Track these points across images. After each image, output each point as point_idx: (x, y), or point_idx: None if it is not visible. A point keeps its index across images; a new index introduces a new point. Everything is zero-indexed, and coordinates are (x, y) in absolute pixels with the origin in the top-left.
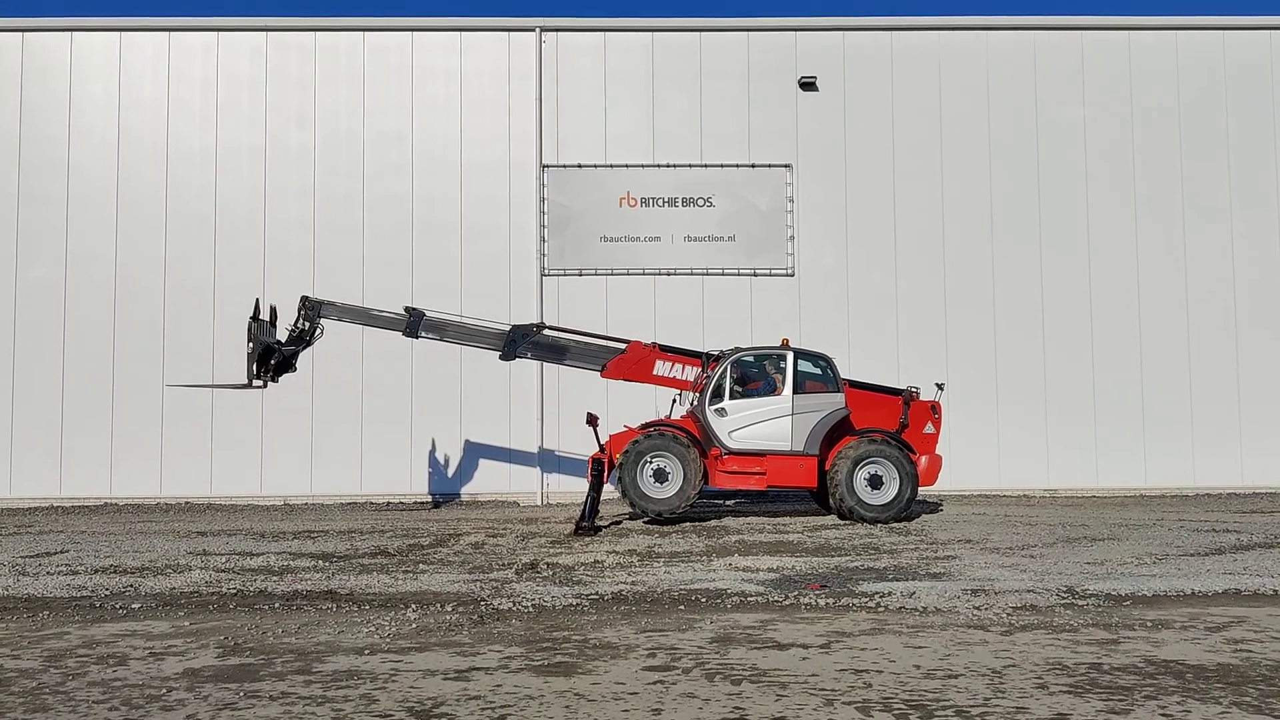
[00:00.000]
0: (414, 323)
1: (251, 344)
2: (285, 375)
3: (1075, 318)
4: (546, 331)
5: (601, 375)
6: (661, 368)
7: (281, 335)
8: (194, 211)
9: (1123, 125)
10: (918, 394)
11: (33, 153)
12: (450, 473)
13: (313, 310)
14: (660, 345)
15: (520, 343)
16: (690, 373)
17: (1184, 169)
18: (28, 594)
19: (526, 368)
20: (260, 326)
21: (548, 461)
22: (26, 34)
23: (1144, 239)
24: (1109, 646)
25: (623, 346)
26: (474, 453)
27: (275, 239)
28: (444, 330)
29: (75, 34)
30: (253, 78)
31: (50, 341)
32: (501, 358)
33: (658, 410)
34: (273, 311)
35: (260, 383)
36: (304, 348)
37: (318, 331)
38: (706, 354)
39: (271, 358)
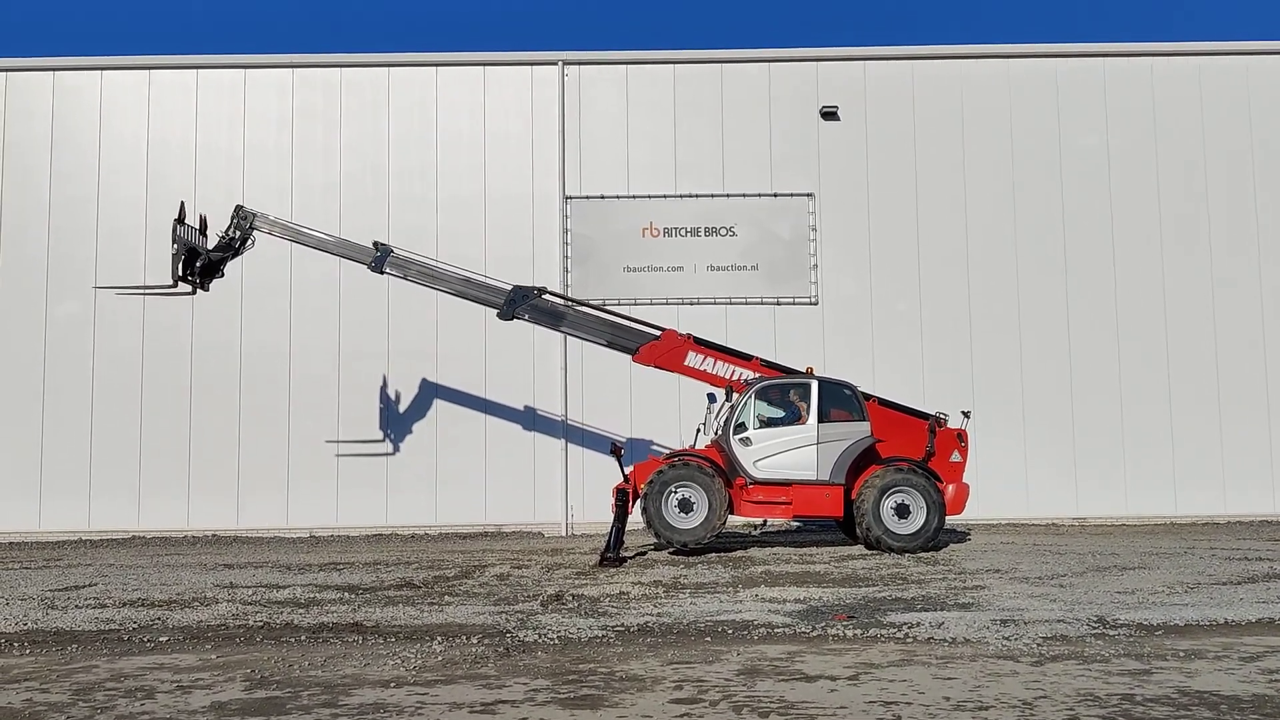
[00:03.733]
0: (380, 258)
1: (176, 245)
2: (215, 281)
3: (1102, 344)
4: (548, 297)
5: (633, 359)
6: (693, 359)
7: (212, 245)
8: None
9: (1146, 152)
10: (945, 421)
11: (63, 188)
12: (476, 502)
13: (245, 221)
14: (695, 338)
15: (520, 303)
16: (722, 368)
17: (1209, 195)
18: (56, 627)
19: (553, 401)
20: (186, 230)
21: (572, 492)
22: (58, 73)
23: (1170, 264)
24: (1141, 677)
25: (656, 333)
26: (499, 484)
27: (300, 271)
28: (407, 268)
29: (105, 73)
30: (279, 114)
31: (79, 375)
32: (500, 316)
33: (682, 440)
34: (202, 220)
35: (188, 287)
36: (232, 256)
37: (249, 242)
38: (740, 352)
39: (197, 261)
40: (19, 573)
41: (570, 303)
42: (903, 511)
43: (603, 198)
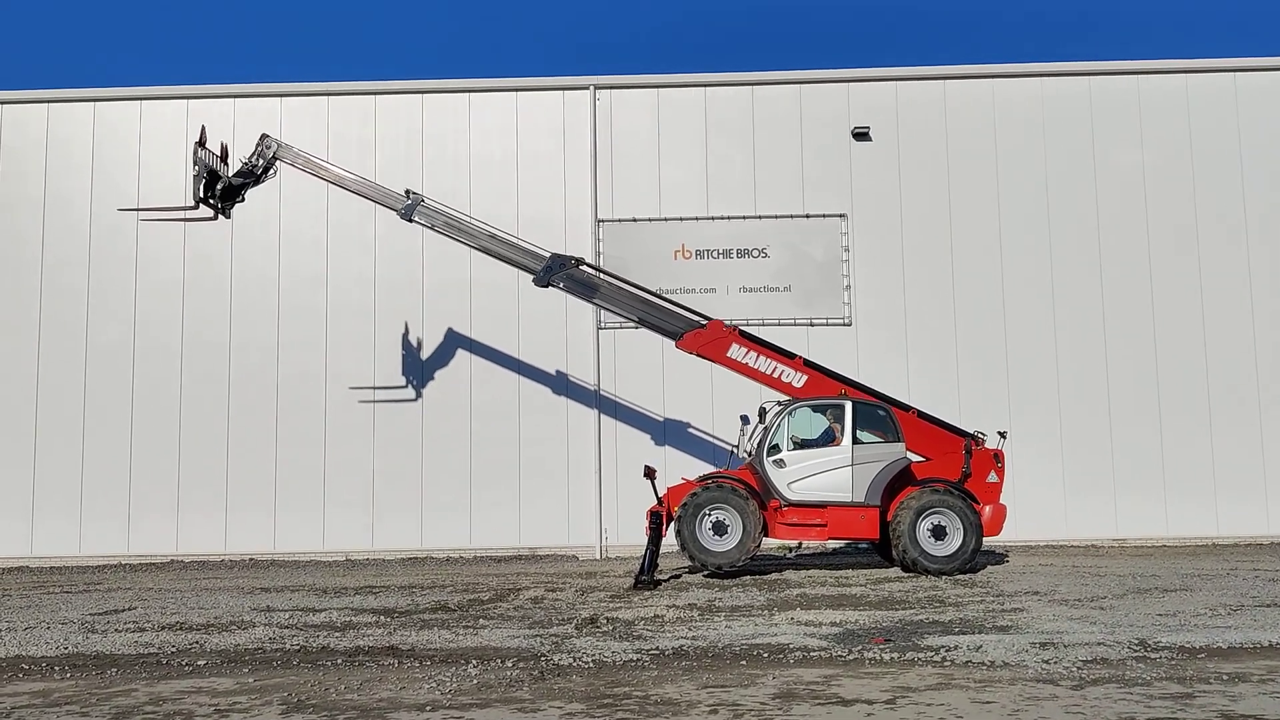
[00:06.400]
0: (411, 206)
1: (196, 167)
2: (236, 207)
3: (1140, 362)
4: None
5: (677, 345)
6: (736, 351)
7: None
8: (259, 272)
9: (1183, 169)
10: (983, 440)
11: (102, 215)
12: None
13: (269, 149)
14: (740, 330)
15: (556, 271)
16: (765, 364)
17: (1247, 212)
18: (96, 651)
19: (585, 428)
20: (207, 154)
21: (606, 515)
22: (98, 104)
23: (1208, 281)
24: (1184, 701)
25: (703, 321)
26: (533, 506)
27: (336, 296)
28: (435, 218)
29: (144, 103)
30: (315, 141)
31: (119, 402)
32: (535, 282)
33: (715, 462)
34: (223, 148)
35: (209, 211)
36: (253, 183)
37: (271, 171)
38: (784, 350)
39: (218, 184)
40: (60, 597)
41: (609, 277)
42: (939, 533)
43: (634, 220)
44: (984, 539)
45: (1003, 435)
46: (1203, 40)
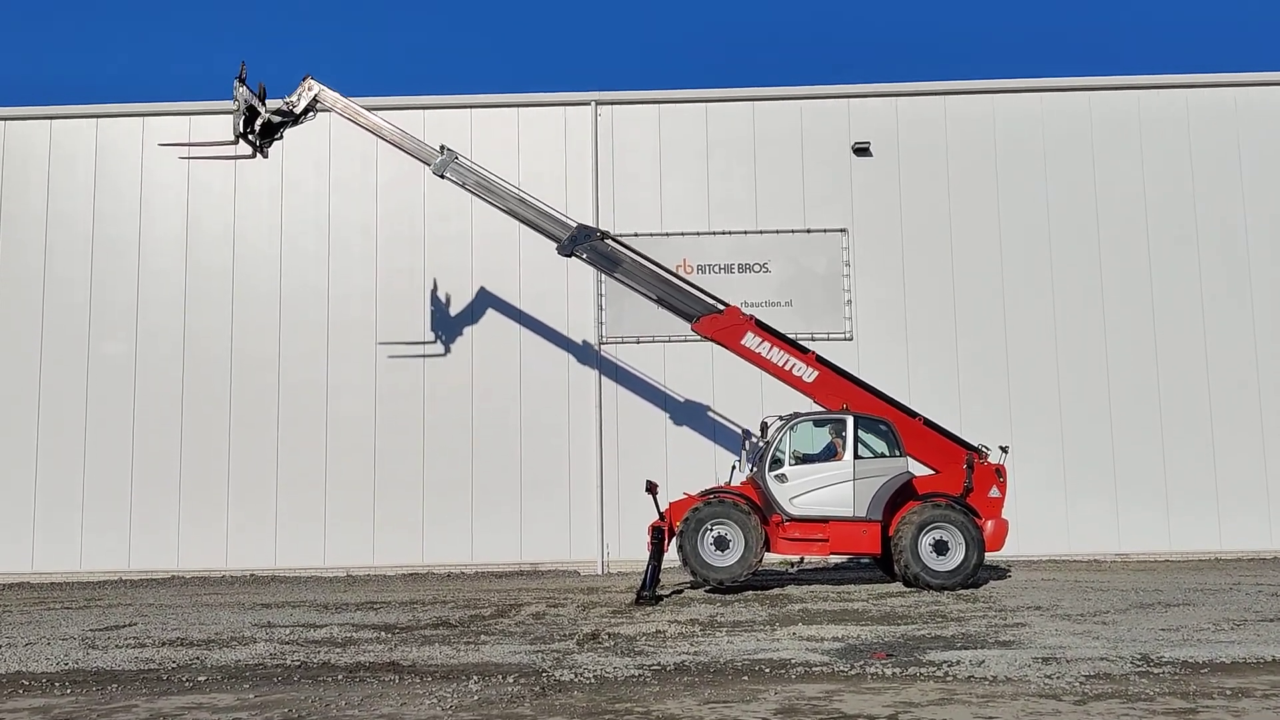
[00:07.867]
0: (444, 161)
1: (237, 102)
2: (274, 146)
3: (1143, 378)
4: (610, 242)
5: (692, 328)
6: (750, 340)
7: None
8: (261, 286)
9: (1183, 183)
10: (986, 455)
11: (105, 229)
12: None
13: (309, 91)
14: (757, 320)
15: (581, 241)
16: (777, 355)
17: (1248, 222)
18: (97, 667)
19: (587, 443)
20: (248, 91)
21: (608, 531)
22: (100, 120)
23: (1209, 293)
24: (1187, 716)
25: (720, 307)
26: (534, 522)
27: (338, 311)
28: (466, 177)
29: (147, 119)
30: (317, 156)
31: (120, 416)
32: (559, 251)
33: (717, 477)
34: (261, 88)
35: (248, 149)
36: (291, 123)
37: (309, 114)
38: (798, 344)
39: (257, 120)
40: (60, 613)
41: (632, 253)
42: (941, 548)
43: (636, 235)
44: (986, 554)
45: (1004, 450)
46: (1203, 56)
